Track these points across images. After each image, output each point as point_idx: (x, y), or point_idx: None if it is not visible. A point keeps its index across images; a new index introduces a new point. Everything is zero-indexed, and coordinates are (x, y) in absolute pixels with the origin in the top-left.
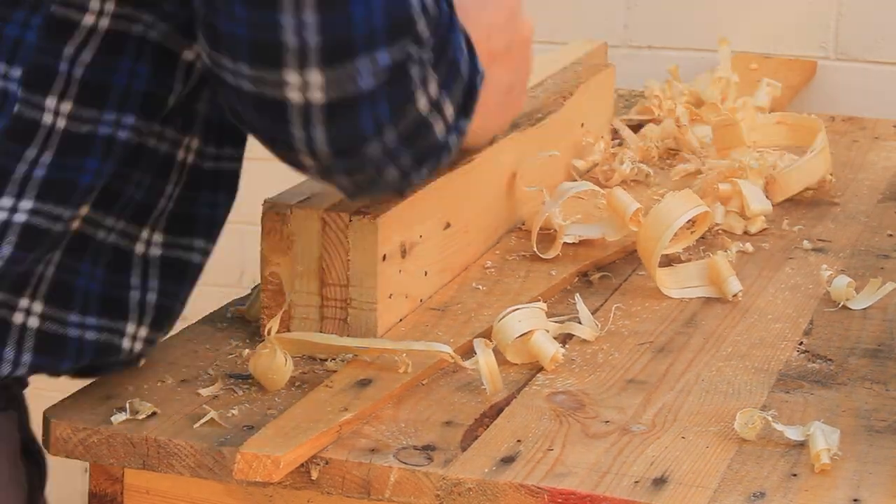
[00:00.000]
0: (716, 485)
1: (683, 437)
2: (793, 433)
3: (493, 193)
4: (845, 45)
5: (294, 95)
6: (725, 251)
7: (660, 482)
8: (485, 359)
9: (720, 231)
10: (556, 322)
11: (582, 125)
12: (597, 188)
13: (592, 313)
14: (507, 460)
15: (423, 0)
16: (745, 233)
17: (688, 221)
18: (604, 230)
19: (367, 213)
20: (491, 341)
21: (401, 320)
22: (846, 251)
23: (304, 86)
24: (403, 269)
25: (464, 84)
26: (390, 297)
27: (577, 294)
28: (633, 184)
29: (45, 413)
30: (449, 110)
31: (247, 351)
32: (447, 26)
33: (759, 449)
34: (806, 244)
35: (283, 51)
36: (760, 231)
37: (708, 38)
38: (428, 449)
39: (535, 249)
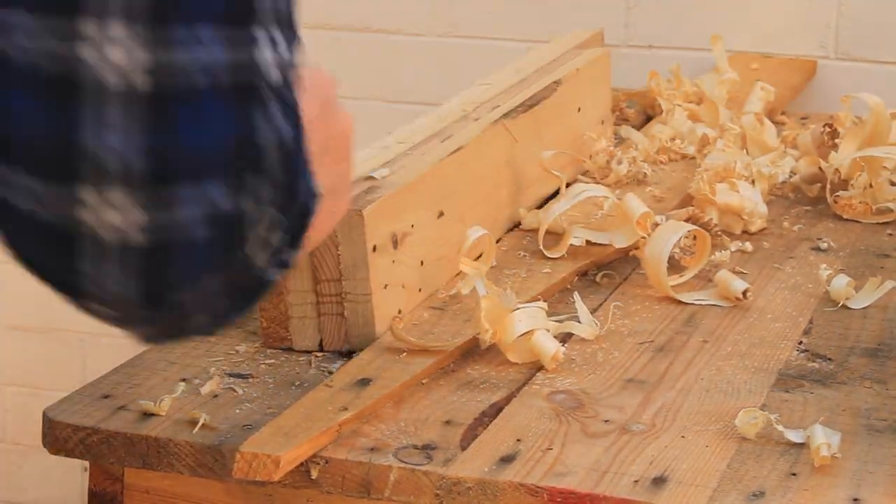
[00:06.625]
0: (715, 484)
1: (683, 437)
2: (794, 435)
3: (488, 180)
4: (845, 45)
5: (93, 227)
6: (724, 250)
7: (659, 481)
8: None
9: (720, 232)
10: (555, 321)
11: (579, 110)
12: (609, 193)
13: (592, 312)
14: (507, 459)
15: (277, 123)
16: (745, 232)
17: (691, 239)
18: (612, 237)
19: (354, 206)
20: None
21: (399, 311)
22: (846, 250)
23: (108, 216)
24: (397, 260)
25: (300, 214)
26: (385, 288)
27: (576, 293)
28: (631, 183)
29: (44, 413)
30: (279, 245)
31: (243, 346)
32: (297, 152)
33: (759, 448)
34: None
35: (83, 168)
36: (760, 230)
37: (708, 38)
38: (428, 448)
39: (542, 247)
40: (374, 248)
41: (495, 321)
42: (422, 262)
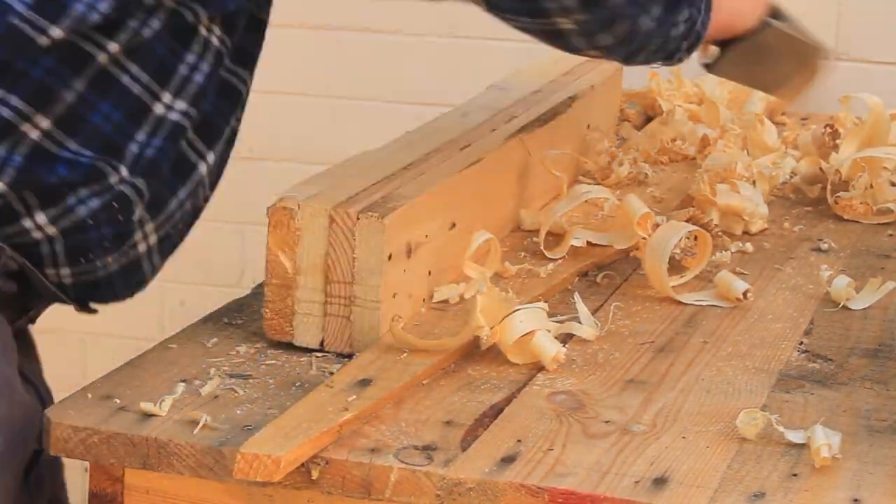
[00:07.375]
0: (716, 485)
1: (684, 437)
2: (794, 436)
3: (500, 193)
4: (845, 45)
5: None
6: (725, 251)
7: (660, 482)
8: None
9: (720, 233)
10: (556, 322)
11: (588, 126)
12: (610, 194)
13: (592, 313)
14: (508, 460)
15: None
16: (746, 232)
17: (691, 240)
18: (612, 238)
19: (375, 212)
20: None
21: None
22: (846, 251)
23: None
24: (408, 269)
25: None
26: (394, 297)
27: (577, 294)
28: (632, 184)
29: (45, 413)
30: None
31: (244, 347)
32: None
33: (760, 449)
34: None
35: None
36: (761, 231)
37: None
38: (428, 449)
39: (543, 248)
40: (390, 257)
41: (492, 318)
42: (429, 272)
